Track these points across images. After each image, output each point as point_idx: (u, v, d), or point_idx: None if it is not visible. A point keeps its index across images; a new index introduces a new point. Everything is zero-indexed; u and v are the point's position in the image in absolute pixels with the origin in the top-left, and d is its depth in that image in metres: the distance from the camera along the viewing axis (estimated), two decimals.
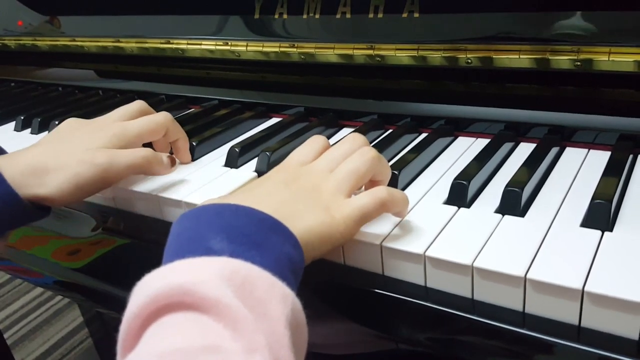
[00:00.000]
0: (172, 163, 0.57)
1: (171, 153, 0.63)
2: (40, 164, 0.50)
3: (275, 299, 0.31)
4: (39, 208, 0.52)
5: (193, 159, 0.65)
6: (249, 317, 0.29)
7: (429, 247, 0.42)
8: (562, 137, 0.58)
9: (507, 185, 0.47)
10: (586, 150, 0.57)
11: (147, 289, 0.30)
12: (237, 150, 0.62)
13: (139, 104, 0.60)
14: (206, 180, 0.58)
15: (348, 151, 0.46)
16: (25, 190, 0.50)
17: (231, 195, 0.43)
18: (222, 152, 0.66)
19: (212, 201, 0.42)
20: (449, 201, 0.49)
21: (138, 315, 0.30)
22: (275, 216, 0.38)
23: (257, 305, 0.30)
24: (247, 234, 0.35)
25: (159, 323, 0.29)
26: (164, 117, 0.58)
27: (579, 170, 0.53)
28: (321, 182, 0.44)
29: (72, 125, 0.57)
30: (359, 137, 0.48)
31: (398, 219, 0.46)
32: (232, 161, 0.62)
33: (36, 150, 0.53)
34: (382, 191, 0.43)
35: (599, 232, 0.42)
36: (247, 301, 0.30)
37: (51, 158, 0.51)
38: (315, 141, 0.49)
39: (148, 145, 0.60)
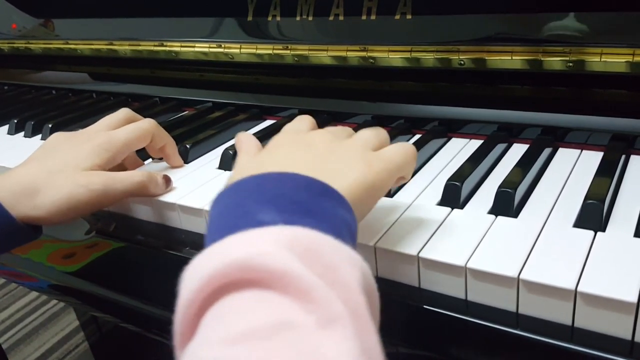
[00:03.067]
0: (167, 183, 0.57)
1: (161, 159, 0.64)
2: (31, 184, 0.50)
3: (345, 264, 0.28)
4: (31, 228, 0.51)
5: (187, 162, 0.65)
6: (321, 285, 0.26)
7: (422, 248, 0.42)
8: (555, 138, 0.58)
9: (500, 186, 0.47)
10: (579, 150, 0.57)
11: (200, 271, 0.27)
12: (231, 152, 0.62)
13: (124, 112, 0.59)
14: (200, 182, 0.58)
15: (346, 131, 0.44)
16: (17, 211, 0.49)
17: (256, 163, 0.39)
18: (216, 155, 0.66)
19: (235, 174, 0.38)
20: (442, 202, 0.49)
21: (193, 301, 0.26)
22: (316, 176, 0.34)
23: (327, 273, 0.27)
24: (296, 201, 0.32)
25: (218, 306, 0.26)
26: (148, 123, 0.58)
27: (572, 170, 0.53)
28: (339, 140, 0.40)
29: (58, 140, 0.56)
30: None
31: (391, 220, 0.46)
32: (226, 163, 0.62)
33: (26, 169, 0.52)
34: (410, 145, 0.41)
35: (591, 233, 0.42)
36: (316, 269, 0.27)
37: (42, 177, 0.51)
38: (305, 117, 0.46)
39: (141, 151, 0.61)
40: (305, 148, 0.39)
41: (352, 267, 0.28)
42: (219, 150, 0.66)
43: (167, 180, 0.57)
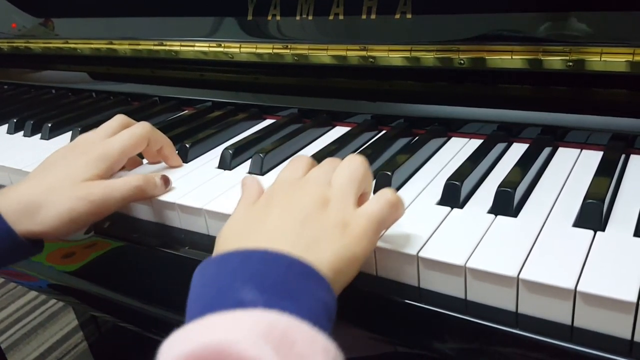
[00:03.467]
0: (166, 183, 0.57)
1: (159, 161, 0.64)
2: (32, 201, 0.51)
3: (318, 354, 0.29)
4: (32, 243, 0.52)
5: (186, 161, 0.65)
6: None
7: (422, 248, 0.42)
8: (555, 137, 0.58)
9: (499, 186, 0.47)
10: (579, 150, 0.57)
11: (177, 349, 0.28)
12: (230, 152, 0.62)
13: (119, 119, 0.59)
14: (200, 182, 0.58)
15: (334, 163, 0.44)
16: (19, 227, 0.50)
17: (247, 224, 0.40)
18: (215, 154, 0.66)
19: (228, 227, 0.40)
20: (442, 202, 0.49)
21: None
22: (296, 251, 0.35)
23: None
24: (277, 282, 0.33)
25: None
26: (142, 128, 0.58)
27: (572, 170, 0.53)
28: (324, 192, 0.40)
29: (56, 156, 0.56)
30: (338, 159, 0.45)
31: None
32: (226, 163, 0.62)
33: (27, 185, 0.53)
34: (390, 193, 0.40)
35: (591, 232, 0.42)
36: (288, 358, 0.28)
37: (42, 193, 0.51)
38: (300, 159, 0.46)
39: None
40: (291, 211, 0.39)
41: (325, 357, 0.29)
42: (219, 150, 0.66)
43: (166, 180, 0.56)
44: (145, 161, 0.65)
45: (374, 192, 0.51)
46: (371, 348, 0.45)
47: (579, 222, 0.43)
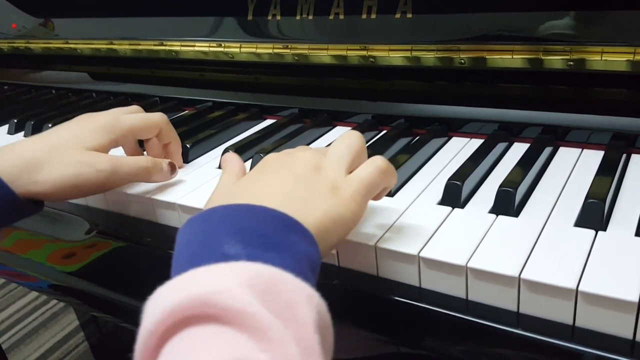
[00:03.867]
0: (173, 170, 0.57)
1: None
2: (34, 159, 0.49)
3: (302, 302, 0.29)
4: (32, 202, 0.51)
5: (187, 161, 0.65)
6: (277, 325, 0.27)
7: (423, 247, 0.42)
8: (556, 137, 0.58)
9: (500, 186, 0.47)
10: (579, 149, 0.57)
11: (162, 303, 0.28)
12: (231, 152, 0.62)
13: (136, 107, 0.59)
14: (200, 182, 0.58)
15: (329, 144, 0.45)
16: (18, 185, 0.49)
17: (234, 190, 0.41)
18: (216, 154, 0.66)
19: (214, 197, 0.41)
20: (443, 202, 0.49)
21: (154, 332, 0.27)
22: (286, 209, 0.36)
23: (284, 311, 0.28)
24: (262, 234, 0.33)
25: (177, 339, 0.27)
26: (159, 116, 0.58)
27: (573, 169, 0.53)
28: (319, 160, 0.41)
29: (67, 123, 0.56)
30: (350, 131, 0.46)
31: (392, 220, 0.46)
32: None
33: (28, 143, 0.52)
34: (380, 159, 0.41)
35: (592, 232, 0.42)
36: (273, 307, 0.28)
37: (45, 152, 0.50)
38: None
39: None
40: (287, 172, 0.40)
41: (309, 305, 0.29)
42: (219, 150, 0.66)
43: (173, 167, 0.57)
44: (145, 153, 0.64)
45: None
46: (372, 348, 0.45)
47: (580, 222, 0.43)
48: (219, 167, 0.62)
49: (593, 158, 0.54)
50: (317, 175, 0.40)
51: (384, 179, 0.41)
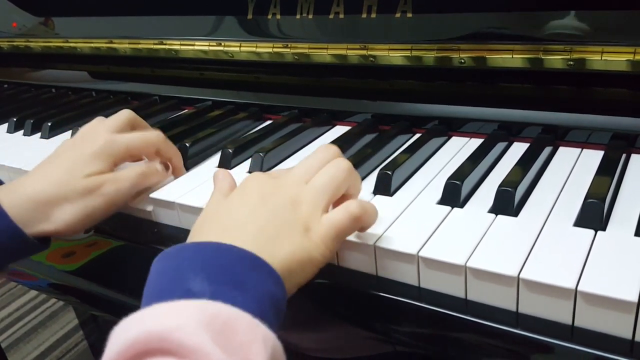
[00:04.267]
0: (167, 168, 0.56)
1: None
2: (43, 198, 0.50)
3: (257, 343, 0.31)
4: (41, 240, 0.51)
5: (186, 161, 0.65)
6: None
7: (422, 247, 0.42)
8: (556, 137, 0.58)
9: (500, 185, 0.47)
10: (579, 149, 0.57)
11: (124, 335, 0.30)
12: (230, 151, 0.62)
13: (127, 114, 0.58)
14: (199, 181, 0.58)
15: (322, 160, 0.44)
16: (30, 226, 0.50)
17: (210, 221, 0.42)
18: (215, 154, 0.66)
19: (195, 226, 0.42)
20: (443, 201, 0.49)
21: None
22: (255, 246, 0.37)
23: (238, 351, 0.30)
24: (227, 273, 0.35)
25: None
26: (156, 136, 0.57)
27: (572, 169, 0.53)
28: (299, 193, 0.42)
29: (63, 148, 0.55)
30: (332, 147, 0.46)
31: (391, 219, 0.46)
32: (226, 162, 0.62)
33: (34, 180, 0.52)
34: (354, 205, 0.41)
35: (592, 232, 0.42)
36: (227, 347, 0.30)
37: (53, 189, 0.50)
38: (327, 149, 0.46)
39: None
40: (263, 204, 0.41)
41: (263, 346, 0.31)
42: (219, 149, 0.66)
43: (166, 165, 0.57)
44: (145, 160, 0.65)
45: (377, 187, 0.52)
46: (371, 348, 0.45)
47: (580, 222, 0.43)
48: (219, 166, 0.63)
49: (593, 158, 0.54)
50: (293, 213, 0.41)
51: (355, 225, 0.42)
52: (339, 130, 0.71)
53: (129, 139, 0.55)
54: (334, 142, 0.64)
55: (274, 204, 0.41)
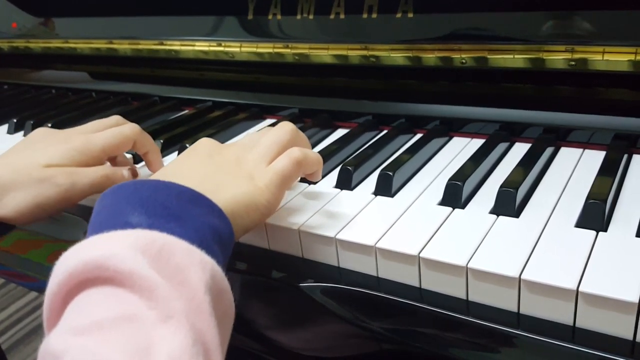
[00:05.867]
0: (134, 176, 0.56)
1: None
2: None
3: (194, 266, 0.32)
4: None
5: None
6: (164, 285, 0.30)
7: (423, 248, 0.42)
8: (557, 137, 0.58)
9: (501, 186, 0.47)
10: (581, 150, 0.57)
11: (64, 266, 0.31)
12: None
13: (115, 119, 0.58)
14: None
15: (269, 129, 0.48)
16: None
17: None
18: None
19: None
20: (444, 202, 0.49)
21: (57, 292, 0.30)
22: (199, 189, 0.38)
23: (174, 274, 0.31)
24: (165, 207, 0.36)
25: (77, 299, 0.30)
26: (130, 129, 0.56)
27: (574, 170, 0.53)
28: (244, 153, 0.45)
29: (37, 136, 0.55)
30: (284, 122, 0.49)
31: (392, 220, 0.46)
32: None
33: None
34: (295, 151, 0.44)
35: (593, 233, 0.41)
36: (164, 270, 0.30)
37: (9, 175, 0.49)
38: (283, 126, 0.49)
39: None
40: (210, 160, 0.44)
41: (201, 269, 0.32)
42: None
43: (134, 173, 0.56)
44: (139, 165, 0.64)
45: (378, 188, 0.52)
46: (371, 348, 0.45)
47: (581, 223, 0.43)
48: None
49: (594, 158, 0.54)
50: (236, 166, 0.43)
51: (298, 169, 0.44)
52: (340, 131, 0.71)
53: (105, 137, 0.54)
54: (335, 142, 0.64)
55: (220, 160, 0.44)
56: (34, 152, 0.52)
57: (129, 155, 0.63)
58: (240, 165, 0.44)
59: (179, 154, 0.64)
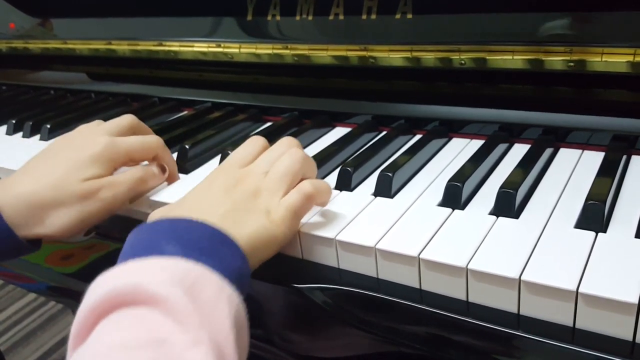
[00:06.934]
0: (163, 170, 0.56)
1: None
2: (38, 201, 0.49)
3: (223, 301, 0.33)
4: (32, 243, 0.51)
5: (186, 163, 0.64)
6: (196, 315, 0.31)
7: (423, 249, 0.42)
8: (556, 138, 0.58)
9: (501, 187, 0.47)
10: (580, 151, 0.57)
11: (101, 287, 0.32)
12: (230, 152, 0.62)
13: (129, 119, 0.57)
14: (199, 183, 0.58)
15: (280, 153, 0.48)
16: (23, 229, 0.49)
17: (179, 206, 0.45)
18: (215, 155, 0.66)
19: (162, 212, 0.45)
20: (443, 203, 0.49)
21: (92, 311, 0.31)
22: (221, 225, 0.40)
23: (204, 306, 0.32)
24: (199, 245, 0.37)
25: (109, 318, 0.31)
26: (156, 141, 0.56)
27: (573, 171, 0.53)
28: (259, 185, 0.46)
29: (59, 146, 0.54)
30: (291, 139, 0.50)
31: (392, 221, 0.46)
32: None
33: (30, 180, 0.51)
34: (306, 185, 0.46)
35: (592, 233, 0.42)
36: (197, 301, 0.32)
37: (49, 193, 0.49)
38: (254, 142, 0.50)
39: None
40: (227, 195, 0.45)
41: (228, 304, 0.33)
42: (218, 151, 0.66)
43: (163, 168, 0.56)
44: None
45: (377, 189, 0.52)
46: (371, 350, 0.45)
47: (581, 224, 0.43)
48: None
49: (593, 159, 0.54)
50: (254, 202, 0.45)
51: (310, 203, 0.46)
52: (339, 131, 0.70)
53: (130, 144, 0.54)
54: (333, 143, 0.64)
55: (237, 196, 0.45)
56: (65, 165, 0.51)
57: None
58: (257, 199, 0.45)
59: (178, 154, 0.64)
